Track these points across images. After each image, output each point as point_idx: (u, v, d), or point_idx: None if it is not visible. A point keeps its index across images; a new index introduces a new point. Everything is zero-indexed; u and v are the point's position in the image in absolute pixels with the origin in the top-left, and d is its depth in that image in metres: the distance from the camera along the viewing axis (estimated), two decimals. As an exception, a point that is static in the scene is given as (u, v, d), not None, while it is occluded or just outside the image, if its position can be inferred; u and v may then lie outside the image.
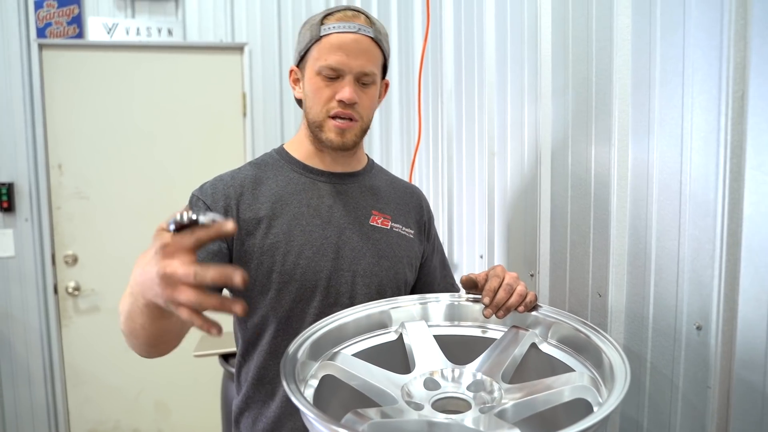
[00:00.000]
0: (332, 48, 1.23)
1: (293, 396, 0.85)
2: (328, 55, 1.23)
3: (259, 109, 3.40)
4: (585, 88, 1.24)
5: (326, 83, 1.25)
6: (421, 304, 1.19)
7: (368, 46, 1.25)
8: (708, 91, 0.93)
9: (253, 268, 1.26)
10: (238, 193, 1.29)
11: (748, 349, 0.89)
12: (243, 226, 1.26)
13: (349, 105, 1.24)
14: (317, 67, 1.24)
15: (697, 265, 0.97)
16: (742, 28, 0.87)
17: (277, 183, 1.32)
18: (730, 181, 0.90)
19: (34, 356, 3.23)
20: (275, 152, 1.40)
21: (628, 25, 1.11)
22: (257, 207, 1.28)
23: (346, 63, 1.23)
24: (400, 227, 1.38)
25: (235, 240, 1.25)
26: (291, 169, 1.35)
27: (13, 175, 3.11)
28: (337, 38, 1.23)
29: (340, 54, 1.23)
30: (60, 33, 3.15)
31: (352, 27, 1.24)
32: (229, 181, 1.31)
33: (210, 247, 1.21)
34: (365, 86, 1.27)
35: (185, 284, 0.78)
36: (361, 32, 1.24)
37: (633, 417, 1.15)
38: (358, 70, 1.24)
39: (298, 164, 1.36)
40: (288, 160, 1.37)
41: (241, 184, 1.31)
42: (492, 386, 0.98)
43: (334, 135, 1.27)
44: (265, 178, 1.33)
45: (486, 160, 1.70)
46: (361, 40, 1.24)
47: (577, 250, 1.30)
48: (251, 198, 1.29)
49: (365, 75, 1.26)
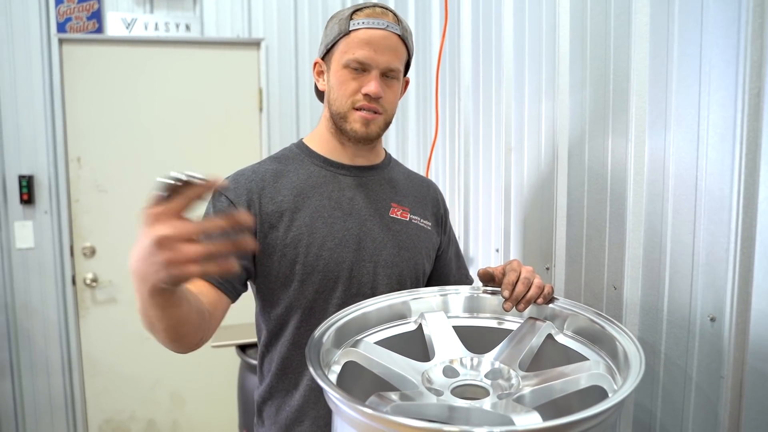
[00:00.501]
0: (361, 42, 1.26)
1: (319, 379, 0.88)
2: (356, 49, 1.26)
3: (275, 105, 3.43)
4: (602, 85, 1.26)
5: (353, 76, 1.28)
6: (441, 295, 1.22)
7: (395, 43, 1.29)
8: (725, 89, 0.95)
9: (276, 261, 1.28)
10: (260, 187, 1.31)
11: (761, 340, 0.91)
12: (266, 219, 1.29)
13: (374, 99, 1.27)
14: (345, 60, 1.27)
15: (712, 259, 0.99)
16: (759, 27, 0.89)
17: (299, 176, 1.35)
18: (746, 176, 0.92)
19: (53, 346, 3.28)
20: (295, 146, 1.42)
21: (646, 22, 1.13)
22: (279, 200, 1.31)
23: (374, 58, 1.26)
24: (418, 219, 1.41)
25: (258, 234, 1.28)
26: (312, 162, 1.37)
27: (33, 167, 3.16)
28: (366, 33, 1.26)
29: (368, 49, 1.26)
30: (80, 28, 3.19)
31: (381, 23, 1.27)
32: (251, 175, 1.34)
33: None
34: (389, 81, 1.30)
35: (183, 241, 0.79)
36: (389, 29, 1.27)
37: (647, 406, 1.18)
38: (384, 66, 1.27)
39: (318, 157, 1.38)
40: (308, 153, 1.39)
41: (262, 178, 1.33)
42: (509, 374, 1.01)
43: (359, 126, 1.30)
44: (286, 171, 1.36)
45: (503, 156, 1.72)
46: (389, 37, 1.27)
47: (592, 244, 1.32)
48: (273, 191, 1.31)
49: (390, 70, 1.29)
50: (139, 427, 3.45)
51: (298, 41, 3.44)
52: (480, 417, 0.91)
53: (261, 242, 1.29)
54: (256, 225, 1.28)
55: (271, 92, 3.42)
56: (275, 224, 1.29)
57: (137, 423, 3.45)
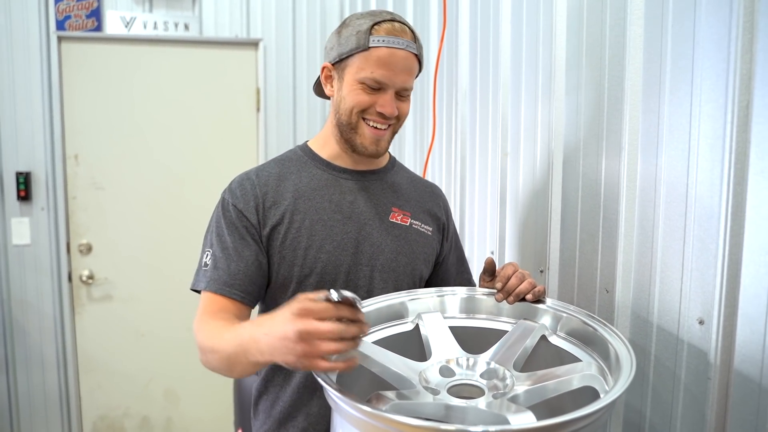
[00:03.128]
0: (380, 62, 1.25)
1: (319, 377, 0.91)
2: (375, 67, 1.25)
3: (273, 105, 3.45)
4: (597, 93, 1.29)
5: (367, 92, 1.27)
6: (438, 296, 1.25)
7: (412, 63, 1.29)
8: (715, 100, 0.98)
9: (276, 262, 1.31)
10: (264, 191, 1.33)
11: (747, 343, 0.94)
12: (268, 222, 1.31)
13: (388, 118, 1.29)
14: (361, 77, 1.26)
15: (701, 264, 1.02)
16: (749, 42, 0.92)
17: (300, 179, 1.36)
18: (734, 185, 0.95)
19: (48, 342, 3.29)
20: (299, 149, 1.43)
21: (640, 34, 1.16)
22: (280, 202, 1.32)
23: (391, 78, 1.26)
24: (419, 224, 1.42)
25: (262, 236, 1.31)
26: (315, 165, 1.39)
27: (30, 164, 3.17)
28: (386, 52, 1.25)
29: (386, 69, 1.25)
30: (79, 26, 3.20)
31: (401, 43, 1.26)
32: (255, 179, 1.35)
33: (247, 253, 1.29)
34: (402, 98, 1.31)
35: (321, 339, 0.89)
36: (408, 49, 1.27)
37: (636, 407, 1.21)
38: (400, 86, 1.27)
39: (321, 161, 1.39)
40: (312, 157, 1.40)
41: (266, 182, 1.34)
42: (504, 374, 1.04)
43: (369, 142, 1.31)
44: (288, 173, 1.37)
45: (499, 160, 1.75)
46: (408, 58, 1.27)
47: (586, 248, 1.35)
48: (275, 194, 1.33)
49: (405, 89, 1.29)
50: (134, 423, 3.47)
51: (296, 42, 3.46)
52: (476, 416, 0.93)
53: (265, 244, 1.31)
54: (260, 228, 1.31)
55: (269, 92, 3.44)
56: (276, 226, 1.31)
57: (131, 419, 3.46)
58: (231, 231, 1.30)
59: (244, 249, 1.29)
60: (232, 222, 1.30)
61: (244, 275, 1.27)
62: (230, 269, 1.27)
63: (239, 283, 1.27)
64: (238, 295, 1.26)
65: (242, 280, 1.27)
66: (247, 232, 1.30)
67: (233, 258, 1.28)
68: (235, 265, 1.27)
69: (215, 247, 1.31)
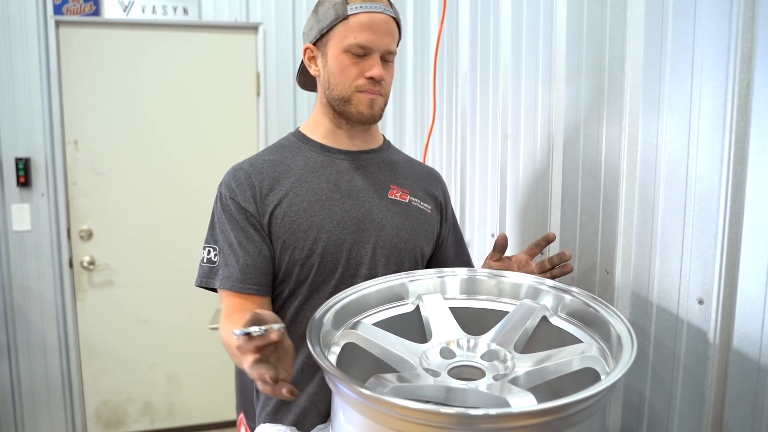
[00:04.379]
0: (361, 27, 1.27)
1: (320, 360, 0.91)
2: (357, 33, 1.27)
3: (273, 89, 3.44)
4: (598, 74, 1.28)
5: (353, 61, 1.29)
6: (438, 277, 1.25)
7: (392, 26, 1.31)
8: (716, 79, 0.98)
9: (278, 247, 1.31)
10: (260, 179, 1.33)
11: (746, 322, 0.94)
12: (267, 208, 1.31)
13: (378, 81, 1.30)
14: (345, 45, 1.28)
15: (701, 244, 1.02)
16: (750, 20, 0.91)
17: (296, 163, 1.37)
18: (734, 164, 0.95)
19: (50, 328, 3.30)
20: (292, 135, 1.44)
21: (641, 13, 1.15)
22: (276, 188, 1.33)
23: (375, 41, 1.28)
24: (418, 201, 1.42)
25: (263, 224, 1.31)
26: (309, 149, 1.39)
27: (30, 150, 3.16)
28: (366, 17, 1.27)
29: (369, 33, 1.27)
30: (76, 10, 3.19)
31: (379, 7, 1.28)
32: (249, 169, 1.35)
33: (252, 245, 1.31)
34: (387, 63, 1.32)
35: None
36: (386, 12, 1.29)
37: (636, 387, 1.21)
38: (384, 48, 1.29)
39: (315, 144, 1.40)
40: (305, 141, 1.41)
41: (260, 170, 1.35)
42: (505, 356, 1.04)
43: (365, 107, 1.32)
44: (283, 159, 1.38)
45: (499, 142, 1.75)
46: (387, 20, 1.29)
47: (586, 229, 1.35)
48: (270, 180, 1.34)
49: (389, 53, 1.31)
50: (136, 408, 3.49)
51: (296, 26, 3.43)
52: (476, 398, 0.93)
53: (267, 231, 1.32)
54: (259, 217, 1.31)
55: (269, 76, 3.42)
56: (274, 211, 1.31)
57: (134, 405, 3.48)
58: (233, 226, 1.32)
59: (248, 242, 1.30)
60: (233, 216, 1.32)
61: (253, 268, 1.30)
62: (240, 264, 1.29)
63: (250, 277, 1.29)
64: (252, 289, 1.30)
65: (252, 274, 1.30)
66: (249, 224, 1.31)
67: (240, 253, 1.30)
68: (243, 260, 1.29)
69: (221, 243, 1.33)
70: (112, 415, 3.47)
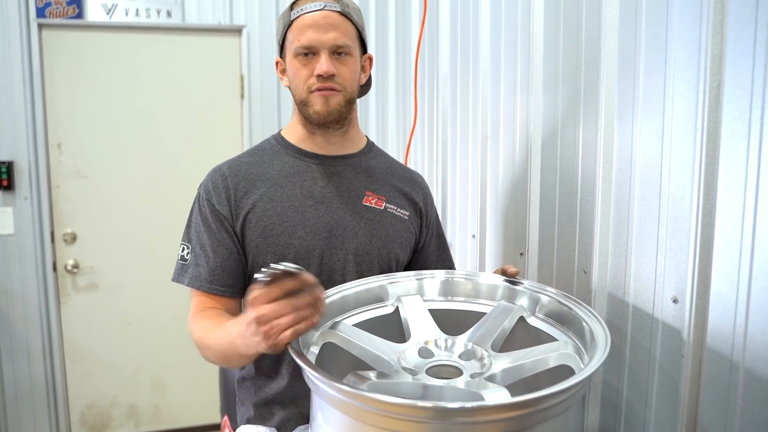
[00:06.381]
0: (302, 28, 1.29)
1: (298, 358, 0.92)
2: (300, 35, 1.29)
3: (257, 92, 3.44)
4: (574, 76, 1.30)
5: (303, 63, 1.30)
6: (417, 279, 1.26)
7: (337, 20, 1.31)
8: (687, 81, 0.99)
9: (251, 251, 1.32)
10: (236, 182, 1.35)
11: (718, 320, 0.96)
12: (241, 212, 1.33)
13: (328, 78, 1.29)
14: (293, 50, 1.31)
15: (675, 244, 1.04)
16: (720, 23, 0.93)
17: (273, 167, 1.38)
18: (706, 165, 0.96)
19: (33, 332, 3.29)
20: (272, 138, 1.45)
21: (615, 16, 1.17)
22: (252, 191, 1.34)
23: (317, 39, 1.28)
24: (394, 208, 1.43)
25: (236, 227, 1.33)
26: (286, 153, 1.40)
27: (12, 153, 3.15)
28: (306, 18, 1.29)
29: (310, 32, 1.28)
30: (59, 13, 3.18)
31: (318, 5, 1.30)
32: (227, 171, 1.37)
33: (223, 248, 1.32)
34: (341, 57, 1.31)
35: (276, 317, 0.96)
36: (327, 8, 1.30)
37: (614, 385, 1.23)
38: (331, 44, 1.29)
39: (292, 148, 1.41)
40: (284, 144, 1.42)
41: (237, 172, 1.36)
42: (482, 354, 1.05)
43: (319, 106, 1.32)
44: (261, 162, 1.39)
45: (479, 144, 1.76)
46: (328, 16, 1.30)
47: (564, 230, 1.36)
48: (246, 183, 1.35)
49: (339, 47, 1.30)
50: (121, 412, 3.48)
51: (280, 28, 3.44)
52: (452, 394, 0.95)
53: (240, 234, 1.33)
54: (232, 220, 1.33)
55: (253, 79, 3.43)
56: (248, 215, 1.33)
57: (119, 408, 3.47)
58: (206, 227, 1.33)
59: (219, 245, 1.32)
60: (206, 218, 1.33)
61: (222, 270, 1.32)
62: (209, 265, 1.32)
63: (218, 279, 1.32)
64: (219, 290, 1.32)
65: (220, 275, 1.32)
66: (221, 226, 1.32)
67: (210, 255, 1.32)
68: (212, 262, 1.32)
69: (194, 243, 1.35)
70: (97, 419, 3.45)
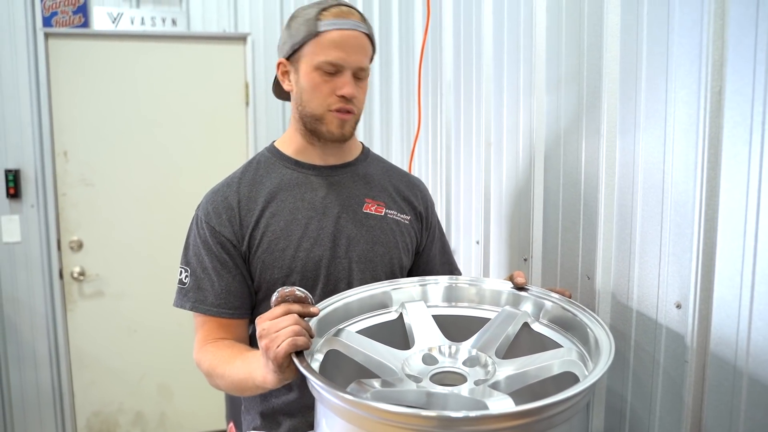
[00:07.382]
0: (332, 44, 1.26)
1: (301, 367, 0.92)
2: (328, 51, 1.26)
3: (262, 99, 3.46)
4: (577, 83, 1.30)
5: (325, 78, 1.28)
6: (420, 285, 1.26)
7: (364, 42, 1.30)
8: (689, 86, 0.99)
9: (258, 268, 1.32)
10: (236, 200, 1.34)
11: (722, 326, 0.96)
12: (245, 231, 1.32)
13: (349, 100, 1.29)
14: (316, 63, 1.27)
15: (678, 249, 1.04)
16: (720, 29, 0.93)
17: (271, 181, 1.37)
18: (708, 170, 0.96)
19: (40, 340, 3.30)
20: (267, 151, 1.44)
21: (617, 22, 1.17)
22: (253, 208, 1.33)
23: (345, 59, 1.27)
24: (395, 213, 1.43)
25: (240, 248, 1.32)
26: (283, 165, 1.39)
27: (19, 161, 3.17)
28: (337, 34, 1.26)
29: (340, 50, 1.26)
30: (65, 22, 3.20)
31: (350, 24, 1.28)
32: (225, 190, 1.36)
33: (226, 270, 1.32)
34: (360, 81, 1.32)
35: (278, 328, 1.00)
36: (358, 29, 1.29)
37: (618, 391, 1.22)
38: (356, 66, 1.29)
39: (289, 160, 1.40)
40: (280, 157, 1.41)
41: (236, 190, 1.35)
42: (486, 361, 1.05)
43: (335, 127, 1.32)
44: (258, 177, 1.38)
45: (483, 150, 1.76)
46: (358, 37, 1.29)
47: (567, 236, 1.36)
48: (247, 201, 1.34)
49: (361, 70, 1.30)
50: (127, 419, 3.48)
51: (284, 36, 3.46)
52: (457, 402, 0.95)
53: (245, 252, 1.32)
54: (235, 241, 1.32)
55: (258, 86, 3.44)
56: (252, 233, 1.32)
57: (125, 415, 3.48)
58: (207, 251, 1.32)
59: (222, 268, 1.31)
60: (207, 241, 1.32)
61: (227, 293, 1.31)
62: (214, 289, 1.31)
63: (225, 302, 1.31)
64: (227, 313, 1.32)
65: (227, 298, 1.31)
66: (222, 249, 1.31)
67: (214, 278, 1.31)
68: (218, 285, 1.31)
69: (193, 266, 1.33)
70: (104, 426, 3.46)
